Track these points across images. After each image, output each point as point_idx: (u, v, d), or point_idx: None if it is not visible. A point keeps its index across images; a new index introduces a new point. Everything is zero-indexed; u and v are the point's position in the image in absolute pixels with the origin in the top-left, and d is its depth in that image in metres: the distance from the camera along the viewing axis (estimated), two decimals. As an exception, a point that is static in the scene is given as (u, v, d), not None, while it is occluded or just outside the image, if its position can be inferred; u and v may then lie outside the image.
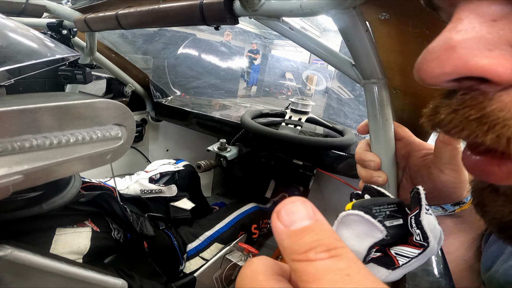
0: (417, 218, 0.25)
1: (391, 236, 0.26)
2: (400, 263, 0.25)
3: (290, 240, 0.12)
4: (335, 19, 0.31)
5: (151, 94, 1.15)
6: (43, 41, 0.30)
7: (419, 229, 0.25)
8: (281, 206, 0.13)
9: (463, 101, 0.14)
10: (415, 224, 0.25)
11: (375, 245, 0.25)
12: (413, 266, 0.25)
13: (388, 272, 0.25)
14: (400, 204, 0.27)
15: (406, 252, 0.25)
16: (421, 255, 0.24)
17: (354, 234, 0.25)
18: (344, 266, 0.11)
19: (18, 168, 0.20)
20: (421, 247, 0.25)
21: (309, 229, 0.12)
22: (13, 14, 0.60)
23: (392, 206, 0.26)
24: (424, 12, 0.29)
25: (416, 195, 0.27)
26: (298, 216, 0.13)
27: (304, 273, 0.11)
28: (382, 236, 0.24)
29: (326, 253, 0.12)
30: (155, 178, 0.85)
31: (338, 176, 0.85)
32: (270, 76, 5.98)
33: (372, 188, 0.30)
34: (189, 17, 0.42)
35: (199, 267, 0.75)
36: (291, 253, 0.12)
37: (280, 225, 0.13)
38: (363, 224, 0.24)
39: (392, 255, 0.26)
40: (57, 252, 0.40)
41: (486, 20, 0.12)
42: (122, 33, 1.22)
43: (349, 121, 1.31)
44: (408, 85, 0.39)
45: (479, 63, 0.12)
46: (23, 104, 0.20)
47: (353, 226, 0.25)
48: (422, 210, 0.25)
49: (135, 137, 0.48)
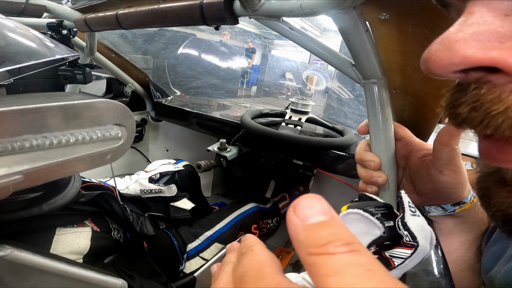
0: (403, 220, 0.26)
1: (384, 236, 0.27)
2: (395, 264, 0.26)
3: (307, 233, 0.12)
4: (335, 19, 0.31)
5: (151, 94, 1.15)
6: (43, 41, 0.30)
7: (406, 230, 0.26)
8: (298, 201, 0.13)
9: (478, 96, 0.14)
10: (402, 226, 0.26)
11: (373, 243, 0.26)
12: (409, 267, 0.26)
13: None
14: (390, 208, 0.28)
15: (400, 254, 0.26)
16: (413, 255, 0.25)
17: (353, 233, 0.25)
18: (364, 261, 0.11)
19: (18, 168, 0.20)
20: (412, 247, 0.26)
21: (326, 223, 0.12)
22: (13, 14, 0.60)
23: (382, 209, 0.28)
24: (424, 12, 0.29)
25: (399, 199, 0.28)
26: (315, 211, 0.13)
27: (322, 267, 0.11)
28: (380, 233, 0.26)
29: (345, 247, 0.12)
30: (155, 178, 0.85)
31: (338, 176, 0.85)
32: (270, 76, 5.98)
33: (365, 195, 0.32)
34: (189, 17, 0.42)
35: (199, 267, 0.75)
36: (308, 246, 0.12)
37: (296, 219, 0.13)
38: (362, 223, 0.26)
39: (387, 257, 0.27)
40: (57, 252, 0.40)
41: (498, 15, 0.12)
42: (122, 33, 1.22)
43: (349, 121, 1.31)
44: (408, 85, 0.39)
45: (491, 54, 0.12)
46: (23, 104, 0.20)
47: (352, 225, 0.26)
48: (406, 213, 0.26)
49: (135, 137, 0.48)
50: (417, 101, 0.41)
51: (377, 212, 0.27)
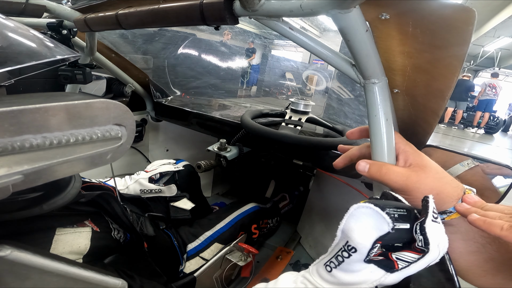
0: (422, 225, 0.26)
1: (395, 238, 0.27)
2: (399, 267, 0.26)
3: None
4: (335, 19, 0.31)
5: (151, 94, 1.15)
6: (44, 41, 0.30)
7: (422, 235, 0.26)
8: None
9: None
10: (419, 230, 0.26)
11: (379, 239, 0.26)
12: (411, 271, 0.26)
13: (386, 274, 0.26)
14: (411, 211, 0.28)
15: (406, 257, 0.26)
16: (420, 260, 0.25)
17: (361, 227, 0.26)
18: None
19: (18, 168, 0.20)
20: (421, 253, 0.25)
21: None
22: (13, 14, 0.60)
23: (402, 211, 0.27)
24: (424, 12, 0.29)
25: (425, 203, 0.28)
26: None
27: None
28: (388, 229, 0.26)
29: None
30: (155, 178, 0.85)
31: (338, 176, 0.85)
32: (270, 76, 5.99)
33: (389, 194, 0.31)
34: (189, 17, 0.42)
35: (199, 267, 0.75)
36: None
37: None
38: (371, 217, 0.26)
39: (393, 259, 0.27)
40: (57, 252, 0.40)
41: None
42: (122, 33, 1.23)
43: (349, 121, 1.31)
44: (408, 85, 0.39)
45: None
46: (23, 104, 0.20)
47: (362, 219, 0.26)
48: (428, 218, 0.26)
49: (135, 137, 0.48)
50: (417, 101, 0.41)
51: (395, 212, 0.27)
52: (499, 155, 4.35)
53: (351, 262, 0.27)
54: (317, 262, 0.32)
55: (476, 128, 6.41)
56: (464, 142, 5.02)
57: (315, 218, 1.16)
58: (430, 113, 0.41)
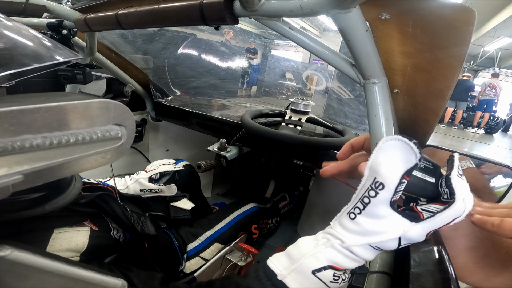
0: (448, 177, 0.26)
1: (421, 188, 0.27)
2: (424, 217, 0.26)
3: None
4: (335, 19, 0.31)
5: (151, 94, 1.15)
6: (45, 44, 0.30)
7: (448, 187, 0.26)
8: None
9: None
10: (445, 183, 0.26)
11: (407, 173, 0.26)
12: (437, 223, 0.26)
13: (411, 224, 0.26)
14: (436, 166, 0.28)
15: (432, 208, 0.27)
16: (446, 210, 0.25)
17: (390, 160, 0.26)
18: None
19: (18, 168, 0.20)
20: (447, 203, 0.26)
21: None
22: (13, 14, 0.60)
23: (429, 164, 0.28)
24: (424, 12, 0.29)
25: (450, 160, 0.28)
26: None
27: None
28: (416, 160, 0.25)
29: None
30: (155, 178, 0.85)
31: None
32: (270, 76, 5.98)
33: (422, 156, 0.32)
34: (189, 17, 0.42)
35: (199, 267, 0.75)
36: None
37: None
38: (399, 149, 0.26)
39: (418, 211, 0.27)
40: (54, 249, 0.40)
41: None
42: (122, 33, 1.22)
43: (349, 121, 1.31)
44: (408, 85, 0.39)
45: None
46: (23, 104, 0.20)
47: (390, 151, 0.26)
48: (453, 171, 0.27)
49: (135, 137, 0.48)
50: (417, 101, 0.41)
51: (422, 163, 0.27)
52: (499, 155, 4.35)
53: (378, 203, 0.26)
54: (339, 215, 0.31)
55: (476, 128, 6.41)
56: (464, 142, 5.02)
57: (315, 218, 1.16)
58: (430, 113, 0.41)
